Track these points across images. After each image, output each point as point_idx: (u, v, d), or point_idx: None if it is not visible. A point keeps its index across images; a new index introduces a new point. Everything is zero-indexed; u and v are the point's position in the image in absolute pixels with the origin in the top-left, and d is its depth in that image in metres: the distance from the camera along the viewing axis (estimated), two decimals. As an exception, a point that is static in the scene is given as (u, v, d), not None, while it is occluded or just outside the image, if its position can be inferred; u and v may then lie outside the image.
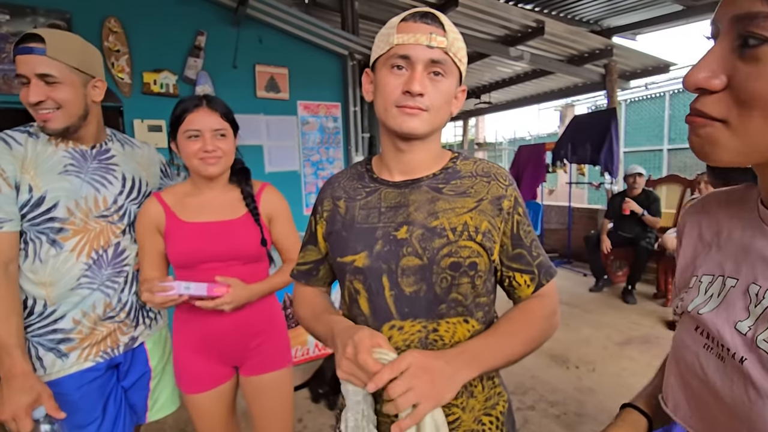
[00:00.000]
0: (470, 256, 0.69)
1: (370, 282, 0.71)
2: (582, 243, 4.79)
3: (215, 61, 2.95)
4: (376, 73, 0.71)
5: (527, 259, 0.74)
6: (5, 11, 2.40)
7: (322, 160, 3.42)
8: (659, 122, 8.12)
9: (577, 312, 3.80)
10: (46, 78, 1.00)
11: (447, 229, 0.69)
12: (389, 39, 0.67)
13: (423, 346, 0.69)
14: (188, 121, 1.08)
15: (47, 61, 0.99)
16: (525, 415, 2.22)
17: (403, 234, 0.70)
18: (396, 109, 0.67)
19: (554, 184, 9.67)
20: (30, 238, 1.05)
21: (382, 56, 0.69)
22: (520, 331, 0.71)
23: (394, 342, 0.69)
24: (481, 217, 0.70)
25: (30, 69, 0.99)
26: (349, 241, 0.73)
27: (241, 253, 1.16)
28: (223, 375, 1.22)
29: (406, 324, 0.69)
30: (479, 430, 0.73)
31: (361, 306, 0.73)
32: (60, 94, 1.02)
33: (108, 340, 1.14)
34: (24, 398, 0.93)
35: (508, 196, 0.73)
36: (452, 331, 0.70)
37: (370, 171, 0.79)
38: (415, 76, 0.65)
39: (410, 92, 0.65)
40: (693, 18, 4.61)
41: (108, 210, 1.13)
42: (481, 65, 5.70)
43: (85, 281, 1.09)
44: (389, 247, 0.70)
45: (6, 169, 0.99)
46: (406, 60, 0.66)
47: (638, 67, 5.67)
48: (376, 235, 0.71)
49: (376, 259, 0.70)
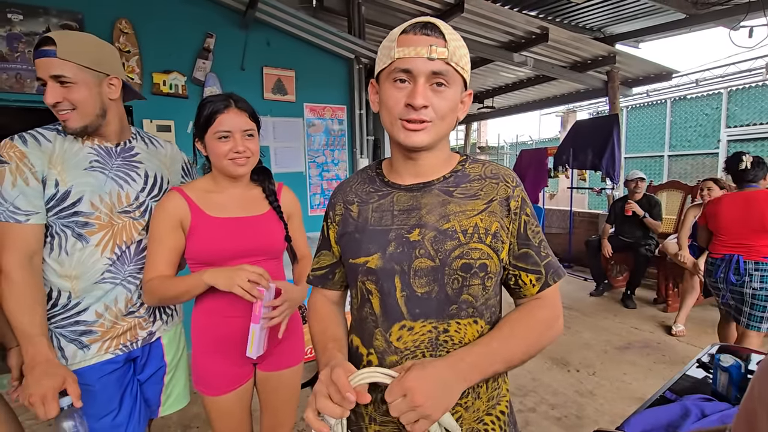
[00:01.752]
0: (481, 257, 0.70)
1: (382, 283, 0.71)
2: (583, 247, 4.82)
3: (223, 63, 2.99)
4: (381, 85, 0.72)
5: (534, 259, 0.74)
6: (19, 11, 2.44)
7: (327, 161, 3.45)
8: (660, 129, 8.17)
9: (577, 316, 3.83)
10: (60, 79, 1.02)
11: (458, 232, 0.70)
12: (390, 52, 0.68)
13: (433, 347, 0.69)
14: (219, 122, 1.08)
15: (59, 62, 1.01)
16: (526, 417, 2.25)
17: (415, 236, 0.71)
18: (400, 122, 0.68)
19: (555, 188, 9.71)
20: (56, 231, 1.08)
21: (384, 69, 0.70)
22: (521, 335, 0.70)
23: (404, 342, 0.69)
24: (491, 219, 0.71)
25: (44, 71, 1.02)
26: (362, 242, 0.74)
27: (267, 249, 1.18)
28: (244, 375, 1.21)
29: (417, 324, 0.70)
30: (481, 429, 0.73)
31: (373, 306, 0.73)
32: (74, 95, 1.04)
33: (128, 334, 1.16)
34: (50, 381, 0.95)
35: (515, 197, 0.74)
36: (463, 332, 0.70)
37: (381, 175, 0.81)
38: (417, 90, 0.66)
39: (413, 106, 0.66)
40: (695, 26, 4.65)
41: (130, 206, 1.15)
42: (484, 70, 5.75)
43: (109, 276, 1.12)
44: (402, 249, 0.71)
45: (35, 164, 1.02)
46: (407, 73, 0.67)
47: (640, 74, 5.72)
48: (389, 237, 0.72)
49: (389, 261, 0.71)
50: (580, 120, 6.09)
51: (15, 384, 1.21)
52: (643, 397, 2.40)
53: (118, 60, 1.15)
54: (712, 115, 7.40)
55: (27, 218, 1.02)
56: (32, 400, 0.92)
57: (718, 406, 1.12)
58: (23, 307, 1.00)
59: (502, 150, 10.91)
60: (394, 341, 0.70)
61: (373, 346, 0.72)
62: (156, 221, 1.12)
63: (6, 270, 1.00)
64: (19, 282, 1.00)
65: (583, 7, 4.54)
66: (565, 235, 6.04)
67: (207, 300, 1.15)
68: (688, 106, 7.80)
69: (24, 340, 0.99)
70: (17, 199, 1.01)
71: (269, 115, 3.17)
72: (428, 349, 0.69)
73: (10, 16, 2.42)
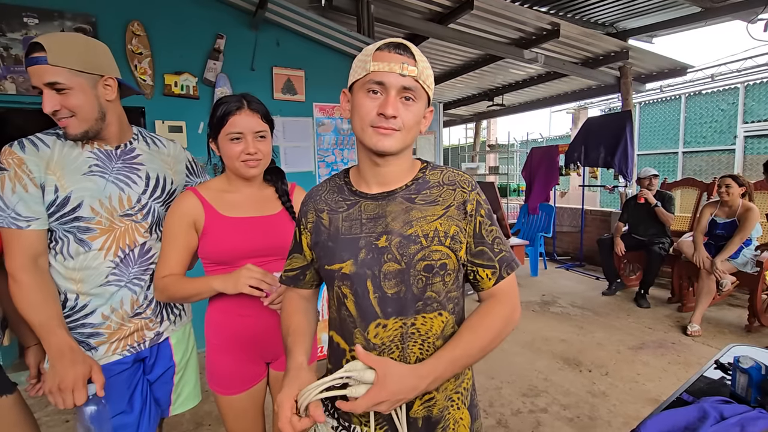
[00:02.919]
0: (441, 258, 0.78)
1: (356, 287, 0.79)
2: (594, 246, 4.76)
3: (234, 64, 3.01)
4: (354, 94, 0.79)
5: (489, 255, 0.82)
6: (34, 15, 2.48)
7: (336, 161, 3.46)
8: (674, 125, 8.02)
9: (589, 315, 3.78)
10: (55, 86, 1.00)
11: (420, 236, 0.78)
12: (366, 65, 0.75)
13: (403, 340, 0.78)
14: (231, 124, 1.08)
15: (51, 69, 0.99)
16: (538, 418, 2.23)
17: (383, 243, 0.78)
18: (371, 129, 0.75)
19: (566, 186, 9.60)
20: (59, 236, 1.09)
21: (359, 80, 0.77)
22: (482, 335, 0.78)
23: (380, 338, 0.78)
24: (450, 223, 0.79)
25: (38, 79, 0.99)
26: (336, 250, 0.81)
27: (280, 248, 1.17)
28: (258, 374, 1.22)
29: (390, 322, 0.77)
30: (449, 405, 0.83)
31: (349, 308, 0.80)
32: (71, 101, 1.02)
33: (135, 335, 1.17)
34: (81, 369, 0.96)
35: (470, 200, 0.82)
36: (429, 325, 0.79)
37: (348, 184, 0.87)
38: (389, 101, 0.73)
39: (384, 115, 0.73)
40: (711, 20, 4.55)
41: (132, 209, 1.15)
42: (494, 68, 5.70)
43: (113, 278, 1.13)
44: (372, 255, 0.78)
45: (33, 170, 1.02)
46: (381, 86, 0.74)
47: (654, 70, 5.62)
48: (360, 245, 0.79)
49: (361, 266, 0.78)
50: (592, 117, 6.01)
51: (33, 382, 1.24)
52: (658, 398, 2.36)
53: (111, 58, 1.12)
54: (728, 111, 7.24)
55: (28, 224, 1.03)
56: (63, 386, 0.93)
57: (738, 409, 1.09)
58: (35, 305, 1.02)
59: (512, 148, 10.82)
60: (372, 338, 0.78)
61: (354, 344, 0.80)
62: (170, 220, 1.12)
63: (12, 274, 1.02)
64: (26, 282, 1.02)
65: (595, 2, 4.47)
66: (576, 233, 5.98)
67: (221, 299, 1.16)
68: (703, 101, 7.64)
69: (43, 333, 1.01)
70: (17, 205, 1.02)
71: (279, 115, 3.19)
72: (399, 342, 0.78)
73: (26, 20, 2.47)
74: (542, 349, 3.08)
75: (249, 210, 1.17)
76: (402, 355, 0.77)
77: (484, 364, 2.73)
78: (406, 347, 0.78)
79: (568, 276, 5.23)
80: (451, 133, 15.37)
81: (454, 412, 0.84)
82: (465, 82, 6.67)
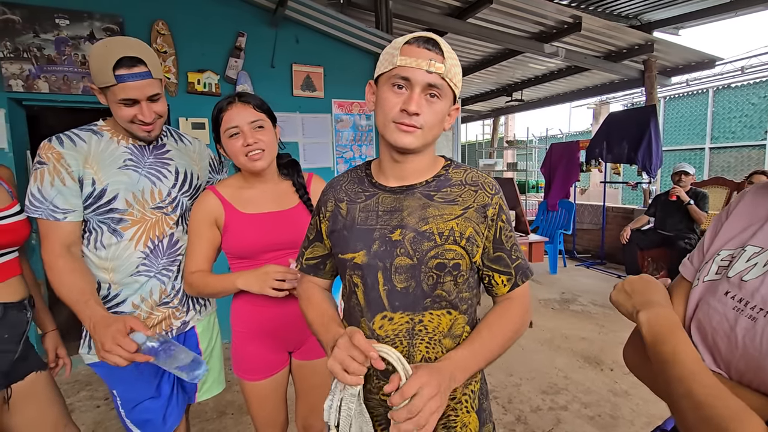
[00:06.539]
0: (454, 258, 0.77)
1: (366, 277, 0.79)
2: (616, 244, 4.66)
3: (254, 61, 3.06)
4: (379, 87, 0.78)
5: (506, 262, 0.82)
6: (65, 16, 2.57)
7: (354, 157, 3.47)
8: (701, 120, 7.76)
9: (611, 314, 3.71)
10: (153, 98, 1.09)
11: (435, 234, 0.77)
12: (393, 59, 0.73)
13: (410, 335, 0.77)
14: (226, 120, 1.11)
15: (155, 82, 1.08)
16: (558, 415, 2.20)
17: (396, 236, 0.78)
18: (393, 124, 0.74)
19: (586, 183, 9.41)
20: (93, 227, 1.14)
21: (385, 73, 0.75)
22: (498, 334, 0.80)
23: (384, 330, 0.78)
24: (466, 224, 0.78)
25: (141, 93, 1.06)
26: (350, 240, 0.81)
27: (298, 241, 1.20)
28: (281, 361, 1.26)
29: (396, 316, 0.77)
30: (456, 407, 0.82)
31: (358, 297, 0.81)
32: (161, 107, 1.12)
33: (162, 324, 1.22)
34: (115, 325, 0.98)
35: (493, 205, 0.80)
36: (436, 322, 0.78)
37: (369, 176, 0.87)
38: (413, 97, 0.72)
39: (407, 111, 0.72)
40: (741, 10, 4.39)
41: (163, 202, 1.20)
42: (513, 62, 5.62)
43: (144, 269, 1.17)
44: (385, 247, 0.78)
45: (71, 164, 1.08)
46: (406, 81, 0.73)
47: (680, 63, 5.45)
48: (374, 236, 0.79)
49: (373, 258, 0.78)
50: (615, 112, 5.86)
51: (52, 366, 1.29)
52: (683, 398, 2.30)
53: None
54: (760, 105, 6.96)
55: (65, 216, 1.08)
56: (107, 347, 0.96)
57: None
58: (70, 284, 1.06)
59: (531, 144, 10.65)
60: (377, 329, 0.78)
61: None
62: (194, 219, 1.17)
63: (48, 261, 1.07)
64: (61, 266, 1.06)
65: (618, -6, 4.36)
66: (597, 231, 5.86)
67: (246, 292, 1.18)
68: (733, 95, 7.36)
69: (78, 308, 1.04)
70: (55, 198, 1.07)
71: (298, 112, 3.23)
72: (405, 337, 0.77)
73: (58, 21, 2.56)
74: (562, 347, 3.04)
75: (266, 205, 1.19)
76: (408, 351, 0.77)
77: (502, 361, 2.72)
78: (412, 344, 0.77)
79: (588, 274, 5.13)
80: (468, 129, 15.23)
81: (462, 416, 0.82)
82: (483, 78, 6.60)
